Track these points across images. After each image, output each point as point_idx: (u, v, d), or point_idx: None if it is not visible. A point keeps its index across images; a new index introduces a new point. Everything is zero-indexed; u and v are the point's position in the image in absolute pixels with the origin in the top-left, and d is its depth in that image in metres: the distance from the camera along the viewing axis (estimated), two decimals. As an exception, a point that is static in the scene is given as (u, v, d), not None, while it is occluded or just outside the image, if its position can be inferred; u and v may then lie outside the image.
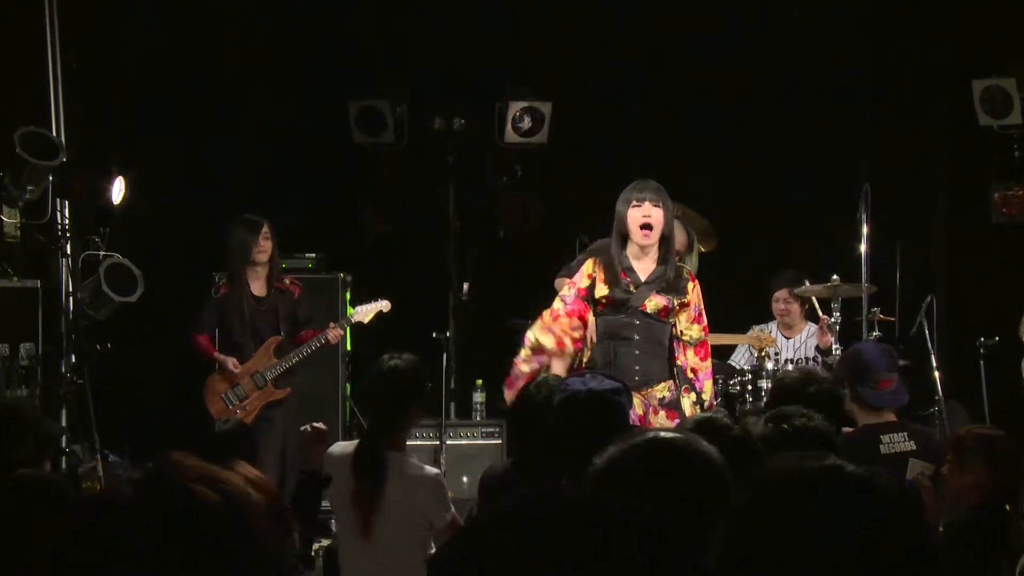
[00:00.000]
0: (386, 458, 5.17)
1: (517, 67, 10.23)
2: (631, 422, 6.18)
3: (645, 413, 6.42)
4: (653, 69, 10.21)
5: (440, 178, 10.03)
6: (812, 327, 9.06)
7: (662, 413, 6.46)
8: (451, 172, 10.03)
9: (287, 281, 8.55)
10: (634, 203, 6.49)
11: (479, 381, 9.69)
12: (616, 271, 6.53)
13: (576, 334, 6.57)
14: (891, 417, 6.04)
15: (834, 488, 1.82)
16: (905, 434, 5.82)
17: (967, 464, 4.84)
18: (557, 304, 6.65)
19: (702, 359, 6.61)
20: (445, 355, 9.12)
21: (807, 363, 8.87)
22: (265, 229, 8.39)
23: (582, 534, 1.60)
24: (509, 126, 9.94)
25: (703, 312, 6.67)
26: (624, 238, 6.56)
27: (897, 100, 10.01)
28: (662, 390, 6.53)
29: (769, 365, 8.39)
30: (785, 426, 3.93)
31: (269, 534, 1.79)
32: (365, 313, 8.46)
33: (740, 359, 9.06)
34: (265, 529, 1.78)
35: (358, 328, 8.75)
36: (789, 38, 10.04)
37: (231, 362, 8.28)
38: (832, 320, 8.31)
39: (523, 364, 6.56)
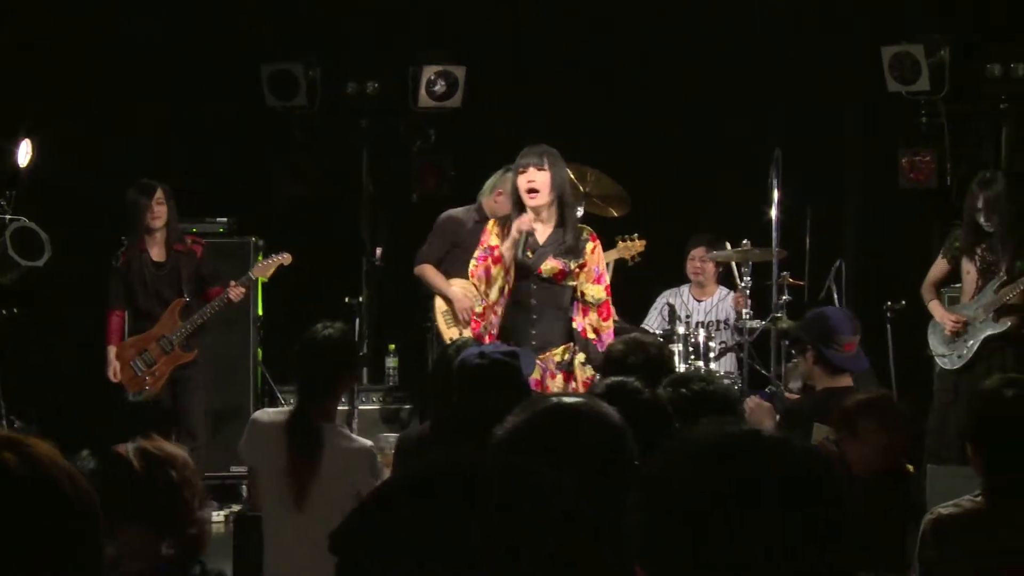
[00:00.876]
0: (320, 427, 5.14)
1: (431, 31, 10.20)
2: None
3: (542, 377, 6.47)
4: (567, 32, 10.22)
5: (353, 142, 9.99)
6: (724, 291, 9.15)
7: (559, 377, 6.52)
8: (364, 136, 10.01)
9: (189, 241, 8.53)
10: (520, 169, 6.57)
11: (392, 346, 9.70)
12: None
13: (495, 296, 6.57)
14: (848, 382, 6.22)
15: (750, 453, 1.81)
16: None
17: (860, 432, 4.92)
18: (471, 264, 6.67)
19: (604, 319, 6.65)
20: (358, 320, 9.11)
21: (719, 326, 8.97)
22: (159, 194, 8.36)
23: (485, 499, 1.60)
24: (423, 90, 9.91)
25: (604, 273, 6.72)
26: (520, 204, 6.61)
27: (808, 66, 10.09)
28: (560, 354, 6.58)
29: (681, 329, 8.45)
30: (684, 391, 3.98)
31: (82, 496, 1.75)
32: (265, 268, 8.45)
33: (652, 323, 9.13)
34: (77, 491, 1.74)
35: (269, 292, 8.72)
36: (706, 5, 10.09)
37: (112, 368, 8.28)
38: (743, 285, 8.40)
39: None
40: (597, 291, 6.65)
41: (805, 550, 1.75)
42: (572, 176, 8.50)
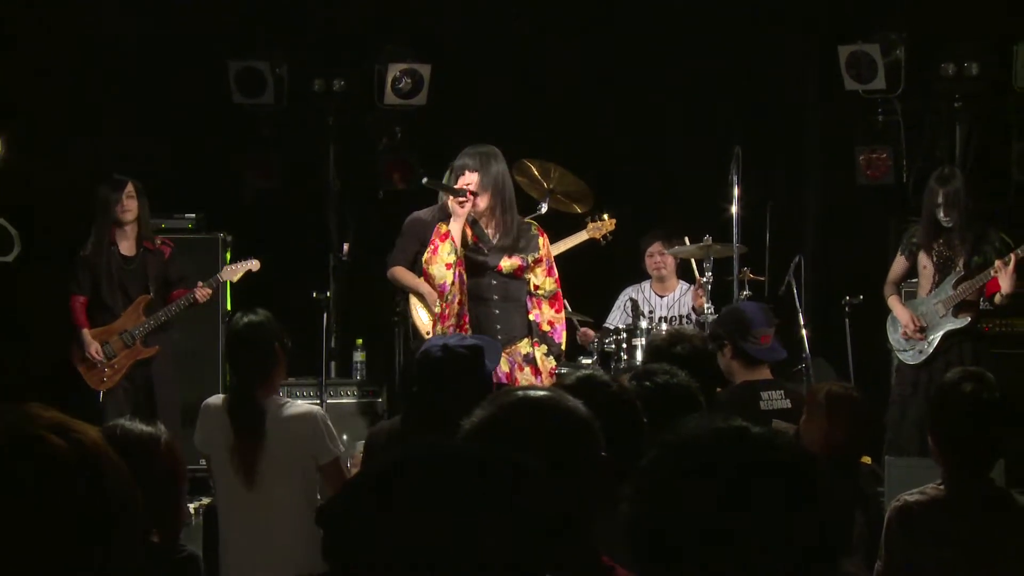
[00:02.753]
0: (261, 404, 5.18)
1: (397, 29, 10.27)
2: (498, 380, 6.37)
3: (511, 370, 6.62)
4: (531, 30, 10.30)
5: (320, 139, 10.06)
6: (685, 285, 9.24)
7: (527, 369, 6.66)
8: (331, 133, 10.07)
9: (158, 241, 8.57)
10: (458, 173, 6.67)
11: (359, 341, 9.76)
12: (465, 235, 6.70)
13: (451, 258, 6.66)
14: (767, 374, 6.29)
15: (742, 450, 1.85)
16: (782, 392, 6.07)
17: (811, 418, 5.06)
18: (428, 253, 6.78)
19: (557, 311, 6.84)
20: (326, 315, 9.17)
21: (681, 321, 9.06)
22: (129, 188, 8.39)
23: (466, 483, 1.66)
24: (389, 88, 9.99)
25: (554, 265, 6.88)
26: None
27: (767, 65, 10.22)
28: (525, 346, 6.73)
29: (644, 324, 8.54)
30: (648, 383, 4.00)
31: (125, 485, 1.74)
32: (233, 272, 8.51)
33: (615, 319, 9.23)
34: (121, 480, 1.73)
35: (238, 287, 8.77)
36: (669, 4, 10.19)
37: (94, 348, 8.32)
38: (704, 280, 8.50)
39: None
40: (550, 283, 6.85)
41: (793, 542, 1.80)
42: (536, 172, 8.64)
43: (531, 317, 6.79)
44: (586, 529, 2.54)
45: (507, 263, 6.69)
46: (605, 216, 8.67)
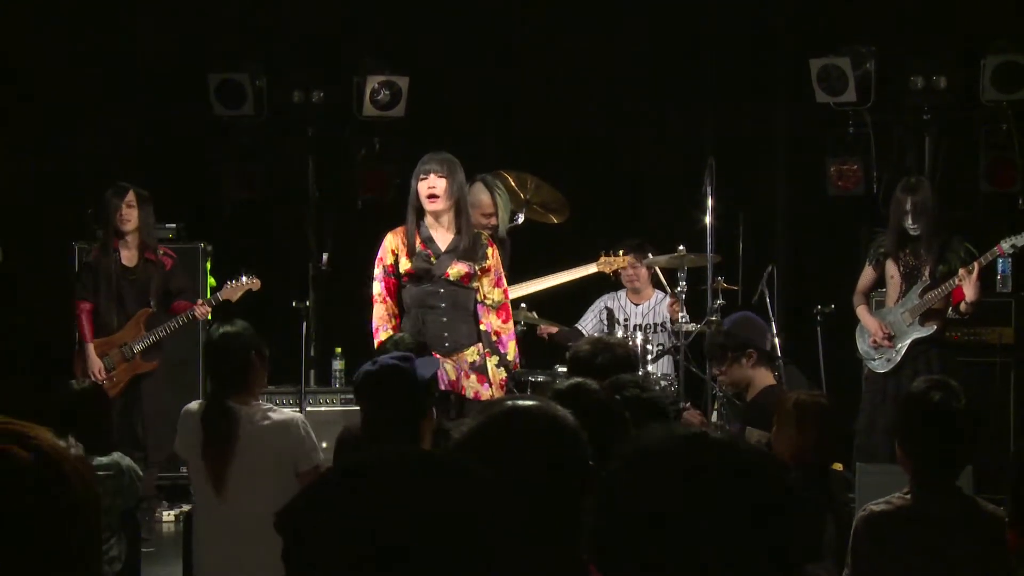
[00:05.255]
0: (236, 412, 5.18)
1: (375, 42, 10.36)
2: (442, 387, 6.45)
3: (457, 378, 6.75)
4: (507, 44, 10.42)
5: (300, 150, 10.15)
6: (660, 295, 9.30)
7: (473, 376, 6.78)
8: (311, 144, 10.16)
9: (161, 252, 8.58)
10: (421, 176, 6.84)
11: (338, 349, 9.84)
12: (414, 243, 6.83)
13: (394, 321, 6.86)
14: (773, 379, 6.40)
15: (702, 455, 1.85)
16: None
17: (781, 426, 5.16)
18: (376, 288, 6.94)
19: (504, 321, 6.95)
20: (305, 324, 9.25)
21: (656, 329, 9.16)
22: (129, 197, 8.41)
23: (425, 488, 1.66)
24: (367, 99, 10.09)
25: (503, 276, 7.01)
26: (419, 211, 6.87)
27: (740, 78, 10.35)
28: (472, 354, 6.84)
29: (619, 332, 8.64)
30: (617, 397, 3.98)
31: (87, 488, 1.73)
32: (234, 290, 8.53)
33: (588, 325, 9.32)
34: (83, 483, 1.72)
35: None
36: (642, 19, 10.33)
37: (97, 367, 8.28)
38: (678, 289, 8.61)
39: None
40: (498, 294, 6.96)
41: (758, 547, 1.80)
42: (513, 183, 8.75)
43: (482, 327, 6.92)
44: (572, 537, 2.54)
45: (454, 269, 6.81)
46: (620, 252, 8.78)
